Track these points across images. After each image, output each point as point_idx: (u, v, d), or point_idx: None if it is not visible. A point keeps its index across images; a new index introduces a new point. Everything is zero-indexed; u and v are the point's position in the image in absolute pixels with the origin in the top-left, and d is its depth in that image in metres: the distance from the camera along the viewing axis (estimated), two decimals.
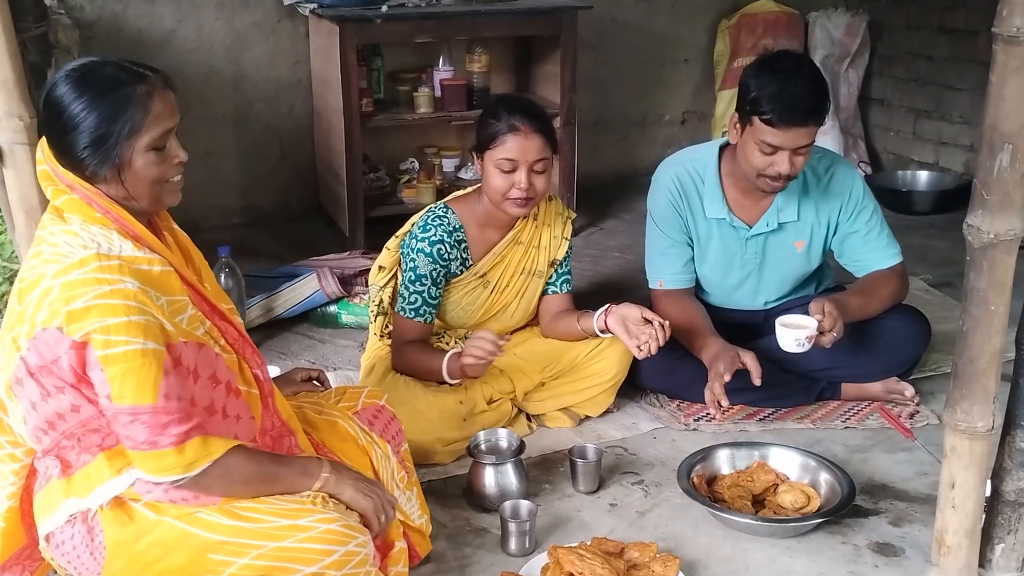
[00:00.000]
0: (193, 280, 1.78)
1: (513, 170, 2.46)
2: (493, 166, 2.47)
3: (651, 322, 2.45)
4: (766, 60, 2.54)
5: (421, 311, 2.54)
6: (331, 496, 1.81)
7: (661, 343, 2.44)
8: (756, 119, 2.47)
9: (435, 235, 2.53)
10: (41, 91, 1.68)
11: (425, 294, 2.53)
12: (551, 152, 2.51)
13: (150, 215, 1.78)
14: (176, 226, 1.89)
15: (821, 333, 2.47)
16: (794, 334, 2.46)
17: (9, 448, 1.78)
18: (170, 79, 1.72)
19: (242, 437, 1.75)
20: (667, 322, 2.46)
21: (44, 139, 1.69)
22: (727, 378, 2.49)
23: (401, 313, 2.56)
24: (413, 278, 2.53)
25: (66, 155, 1.66)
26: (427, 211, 2.62)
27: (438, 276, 2.54)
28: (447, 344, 2.68)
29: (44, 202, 2.34)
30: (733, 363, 2.51)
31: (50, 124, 1.67)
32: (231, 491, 1.73)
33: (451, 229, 2.56)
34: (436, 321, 2.66)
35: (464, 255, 2.59)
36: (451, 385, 2.49)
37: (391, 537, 1.93)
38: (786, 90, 2.42)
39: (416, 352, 2.53)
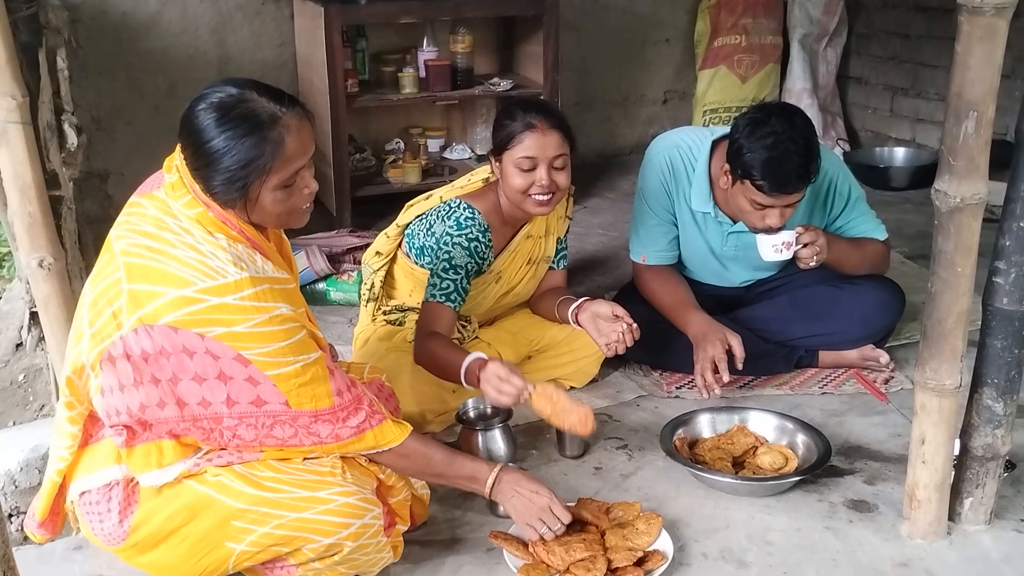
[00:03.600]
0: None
1: (533, 168, 2.44)
2: (513, 166, 2.46)
3: (622, 319, 2.49)
4: (758, 120, 2.47)
5: (452, 297, 2.47)
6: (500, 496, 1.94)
7: (629, 344, 2.49)
8: (747, 183, 2.48)
9: (471, 233, 2.51)
10: (185, 107, 1.71)
11: (459, 283, 2.48)
12: (569, 148, 2.49)
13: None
14: (284, 237, 1.95)
15: (803, 246, 2.52)
16: (771, 239, 2.53)
17: (79, 407, 1.83)
18: (308, 112, 1.77)
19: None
20: (635, 325, 2.48)
21: (182, 157, 1.73)
22: (724, 375, 2.55)
23: (431, 299, 2.48)
24: (447, 267, 2.48)
25: (199, 181, 1.71)
26: (451, 210, 2.55)
27: (471, 270, 2.52)
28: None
29: (38, 180, 2.40)
30: (723, 347, 2.56)
31: (187, 149, 1.71)
32: (401, 469, 1.89)
33: (483, 229, 2.53)
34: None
35: (489, 255, 2.59)
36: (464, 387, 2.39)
37: (400, 515, 2.00)
38: (777, 159, 2.41)
39: (440, 347, 2.38)
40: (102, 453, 1.81)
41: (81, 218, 2.90)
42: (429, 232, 2.59)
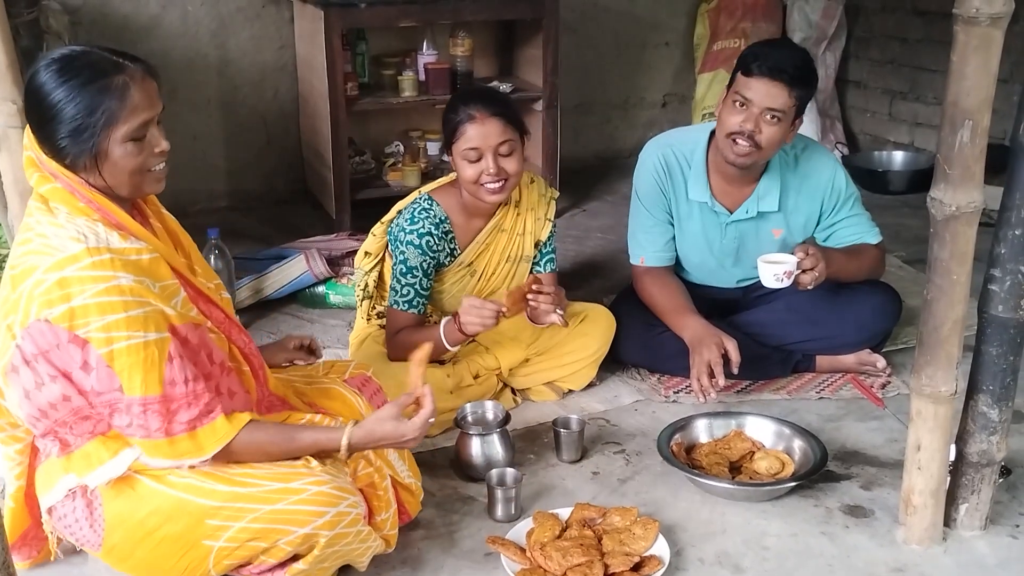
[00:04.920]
0: (180, 266, 1.82)
1: (479, 158, 2.48)
2: (460, 158, 2.50)
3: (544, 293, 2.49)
4: (764, 40, 2.71)
5: (414, 302, 2.56)
6: (364, 446, 1.87)
7: (542, 304, 2.48)
8: (738, 75, 2.57)
9: (423, 227, 2.56)
10: (26, 76, 1.71)
11: (417, 286, 2.56)
12: (516, 134, 2.52)
13: (134, 202, 1.81)
14: (164, 211, 1.91)
15: (803, 272, 2.54)
16: (773, 268, 2.54)
17: (10, 430, 1.83)
18: (152, 68, 1.73)
19: (240, 411, 1.82)
20: (539, 291, 2.48)
21: (29, 130, 1.72)
22: (720, 379, 2.55)
23: (394, 306, 2.57)
24: (404, 270, 2.55)
25: (46, 143, 1.69)
26: (412, 203, 2.63)
27: (428, 268, 2.57)
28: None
29: None
30: (719, 351, 2.58)
31: (31, 112, 1.70)
32: (255, 460, 1.80)
33: (437, 221, 2.58)
34: (428, 307, 2.69)
35: (451, 246, 2.63)
36: (450, 351, 2.55)
37: (376, 508, 1.98)
38: (771, 50, 2.57)
39: (411, 333, 2.55)
40: (54, 467, 1.81)
41: None
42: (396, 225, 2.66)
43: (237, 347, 1.90)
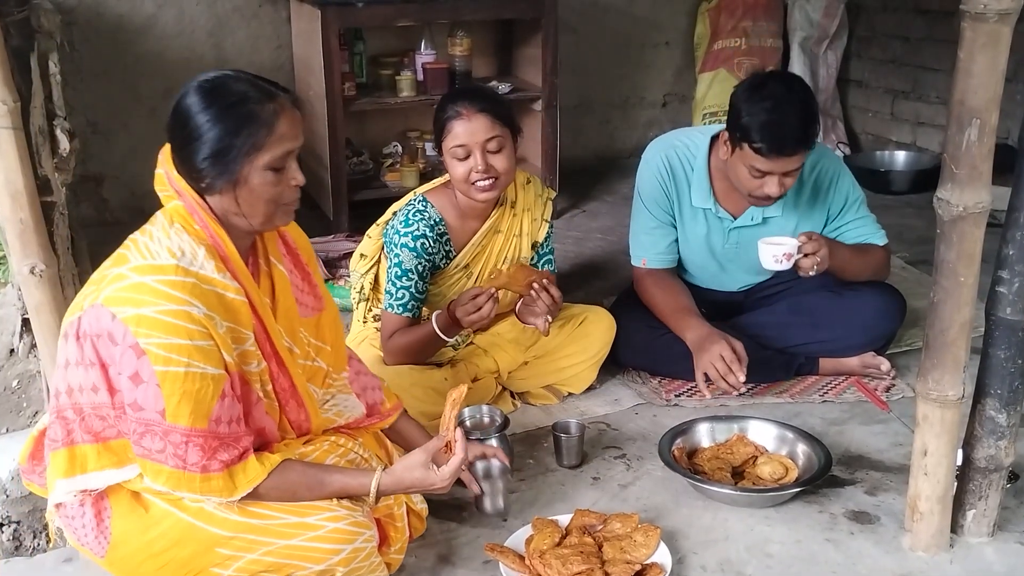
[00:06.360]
0: (265, 316, 1.78)
1: (467, 156, 2.43)
2: (450, 156, 2.46)
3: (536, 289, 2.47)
4: (757, 84, 2.49)
5: (409, 306, 2.53)
6: (393, 492, 1.87)
7: (546, 301, 2.46)
8: (746, 148, 2.46)
9: (417, 230, 2.52)
10: (173, 99, 1.70)
11: (412, 289, 2.52)
12: (506, 130, 2.46)
13: (256, 235, 1.80)
14: (276, 260, 1.87)
15: (804, 256, 2.50)
16: (773, 250, 2.50)
17: None
18: (299, 100, 1.74)
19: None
20: (549, 286, 2.47)
21: (168, 145, 1.72)
22: (740, 375, 2.52)
23: (389, 309, 2.53)
24: (399, 273, 2.52)
25: (186, 163, 1.68)
26: (407, 205, 2.60)
27: (424, 270, 2.53)
28: None
29: (29, 186, 2.37)
30: (730, 347, 2.53)
31: (174, 132, 1.69)
32: (283, 500, 1.77)
33: (432, 223, 2.54)
34: (424, 310, 2.65)
35: (447, 248, 2.59)
36: (448, 342, 2.54)
37: (393, 538, 1.96)
38: (776, 121, 2.40)
39: (405, 335, 2.53)
40: (58, 459, 1.78)
41: (75, 222, 2.87)
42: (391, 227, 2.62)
43: (289, 420, 1.87)
